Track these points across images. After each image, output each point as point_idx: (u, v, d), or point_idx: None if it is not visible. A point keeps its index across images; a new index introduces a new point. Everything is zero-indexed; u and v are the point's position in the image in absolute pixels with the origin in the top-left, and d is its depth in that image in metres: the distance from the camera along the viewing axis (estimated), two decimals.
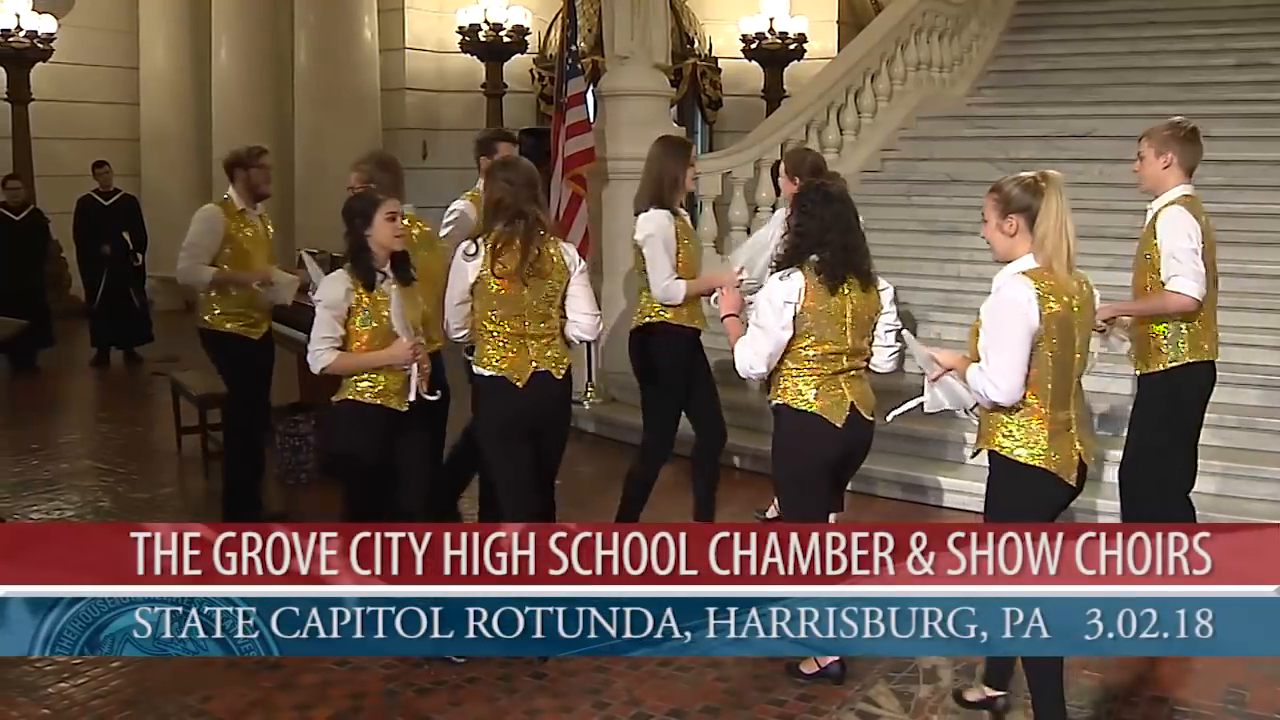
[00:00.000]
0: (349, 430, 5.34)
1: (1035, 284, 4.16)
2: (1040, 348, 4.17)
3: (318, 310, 5.23)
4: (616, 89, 10.47)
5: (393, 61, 16.92)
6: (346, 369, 5.24)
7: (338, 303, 5.18)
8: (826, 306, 4.82)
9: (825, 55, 16.37)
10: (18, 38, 15.23)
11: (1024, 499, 4.34)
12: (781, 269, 4.85)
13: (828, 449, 4.97)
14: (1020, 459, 4.29)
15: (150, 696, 5.03)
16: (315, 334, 5.20)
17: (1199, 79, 11.59)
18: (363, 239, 5.21)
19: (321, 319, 5.20)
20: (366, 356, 5.21)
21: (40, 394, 11.91)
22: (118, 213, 12.96)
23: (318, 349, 5.19)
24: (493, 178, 5.45)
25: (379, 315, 5.20)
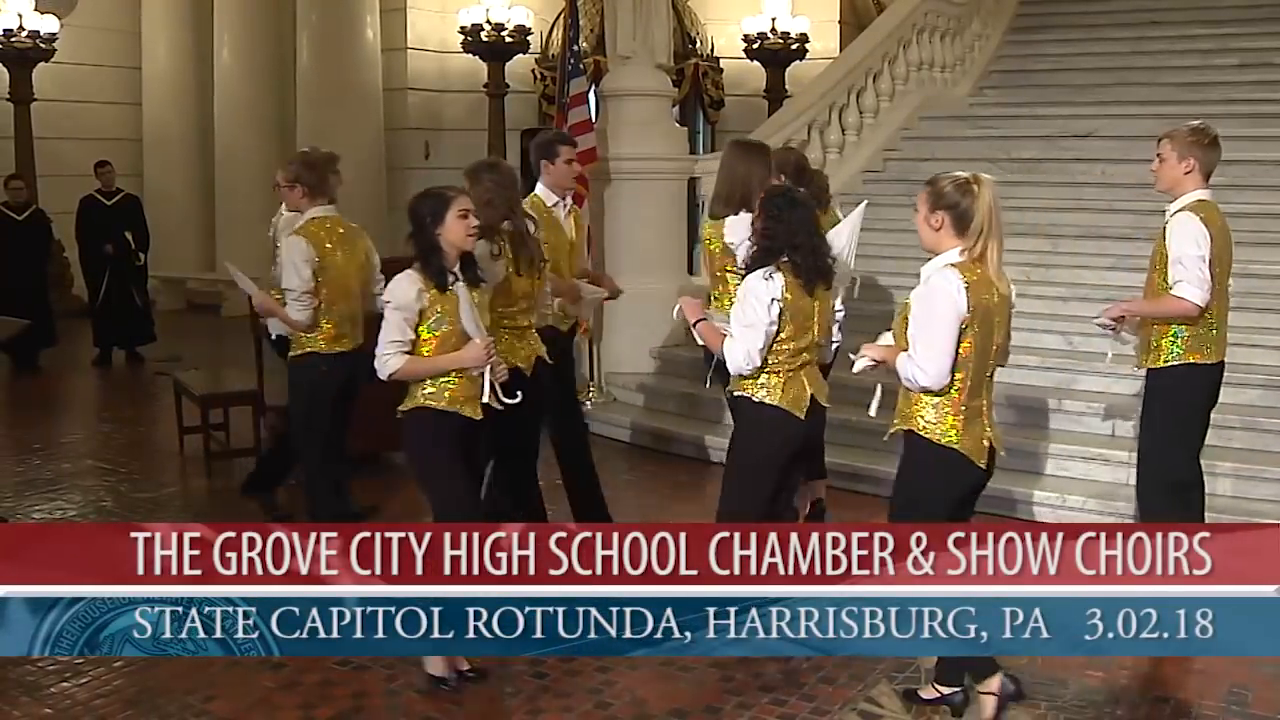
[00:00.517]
0: (424, 440, 5.06)
1: (963, 276, 4.41)
2: (964, 336, 4.40)
3: (387, 313, 4.96)
4: (618, 89, 10.47)
5: (395, 61, 16.93)
6: (416, 374, 4.99)
7: (409, 305, 4.91)
8: (802, 305, 5.02)
9: (827, 55, 16.37)
10: (20, 38, 15.26)
11: (937, 479, 4.56)
12: (752, 270, 5.05)
13: (792, 441, 5.16)
14: (935, 440, 4.51)
15: (152, 696, 5.03)
16: (384, 338, 4.94)
17: (1202, 79, 11.58)
18: (434, 238, 4.95)
19: (391, 322, 4.94)
20: (438, 360, 4.97)
21: (42, 394, 11.91)
22: (120, 213, 12.96)
23: (386, 353, 4.92)
24: (479, 179, 5.71)
25: (450, 318, 4.96)
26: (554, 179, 6.61)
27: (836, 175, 11.15)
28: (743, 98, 18.12)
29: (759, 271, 5.00)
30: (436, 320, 4.95)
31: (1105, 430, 7.68)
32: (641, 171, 9.99)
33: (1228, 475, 7.03)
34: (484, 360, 4.98)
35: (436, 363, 4.97)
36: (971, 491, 4.66)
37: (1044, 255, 9.31)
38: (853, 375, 4.90)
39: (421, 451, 5.10)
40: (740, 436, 5.27)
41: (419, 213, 4.98)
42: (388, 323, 4.95)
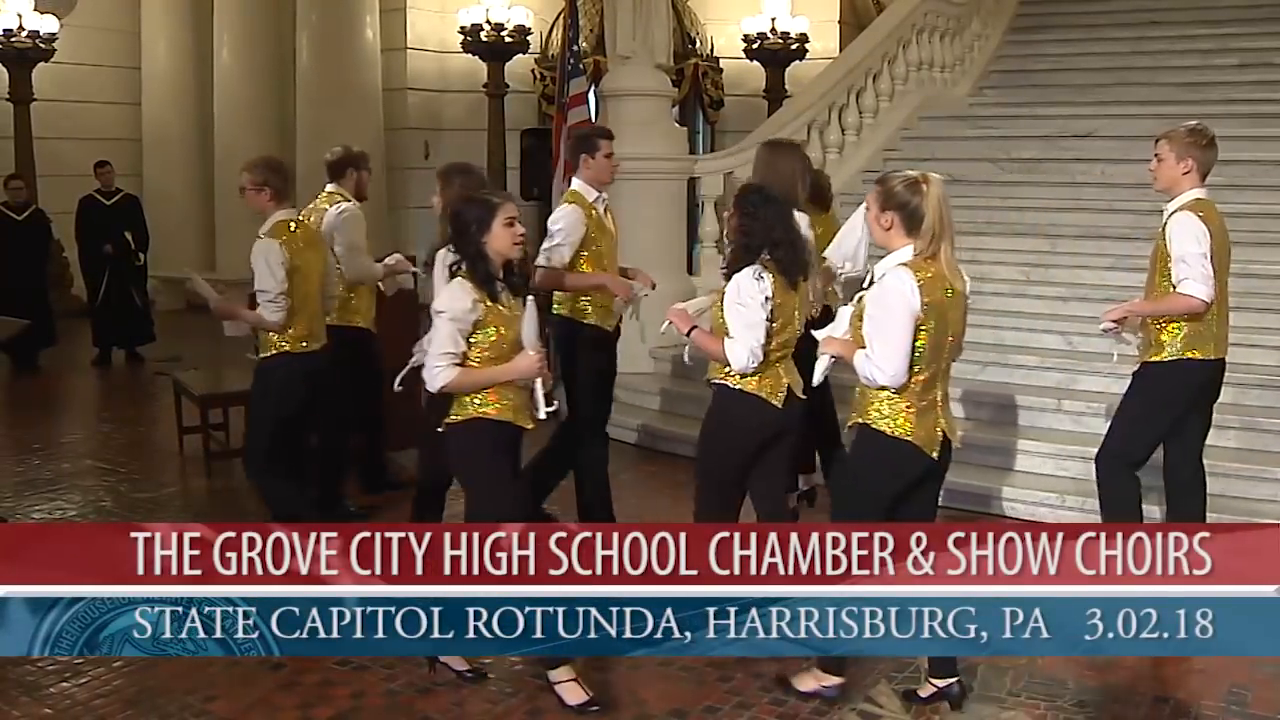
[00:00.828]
0: (479, 450, 4.90)
1: (916, 274, 4.46)
2: (919, 333, 4.47)
3: (438, 323, 4.78)
4: (618, 89, 10.47)
5: (395, 61, 16.93)
6: (469, 386, 4.83)
7: (464, 315, 4.76)
8: (786, 300, 5.12)
9: (827, 55, 16.37)
10: (20, 38, 15.24)
11: (886, 468, 4.66)
12: (735, 269, 5.12)
13: (764, 428, 5.23)
14: (887, 431, 4.59)
15: (152, 696, 5.03)
16: (435, 349, 4.78)
17: (1202, 79, 11.59)
18: (480, 246, 4.80)
19: (444, 332, 4.77)
20: (491, 371, 4.83)
21: (42, 394, 11.91)
22: (119, 212, 12.95)
23: (438, 365, 4.76)
24: (450, 182, 5.85)
25: (500, 328, 4.82)
26: (594, 173, 6.59)
27: (836, 175, 11.13)
28: (742, 98, 18.12)
29: (748, 271, 5.06)
30: (487, 331, 4.82)
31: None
32: (641, 171, 9.97)
33: (1228, 475, 7.03)
34: (537, 372, 4.89)
35: (489, 374, 4.84)
36: (922, 481, 4.73)
37: (1043, 255, 9.32)
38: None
39: (475, 461, 4.93)
40: (715, 422, 5.34)
41: (464, 219, 4.85)
42: (439, 333, 4.79)
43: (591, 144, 6.63)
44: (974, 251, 9.30)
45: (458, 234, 4.86)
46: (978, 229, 9.80)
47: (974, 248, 9.34)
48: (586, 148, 6.62)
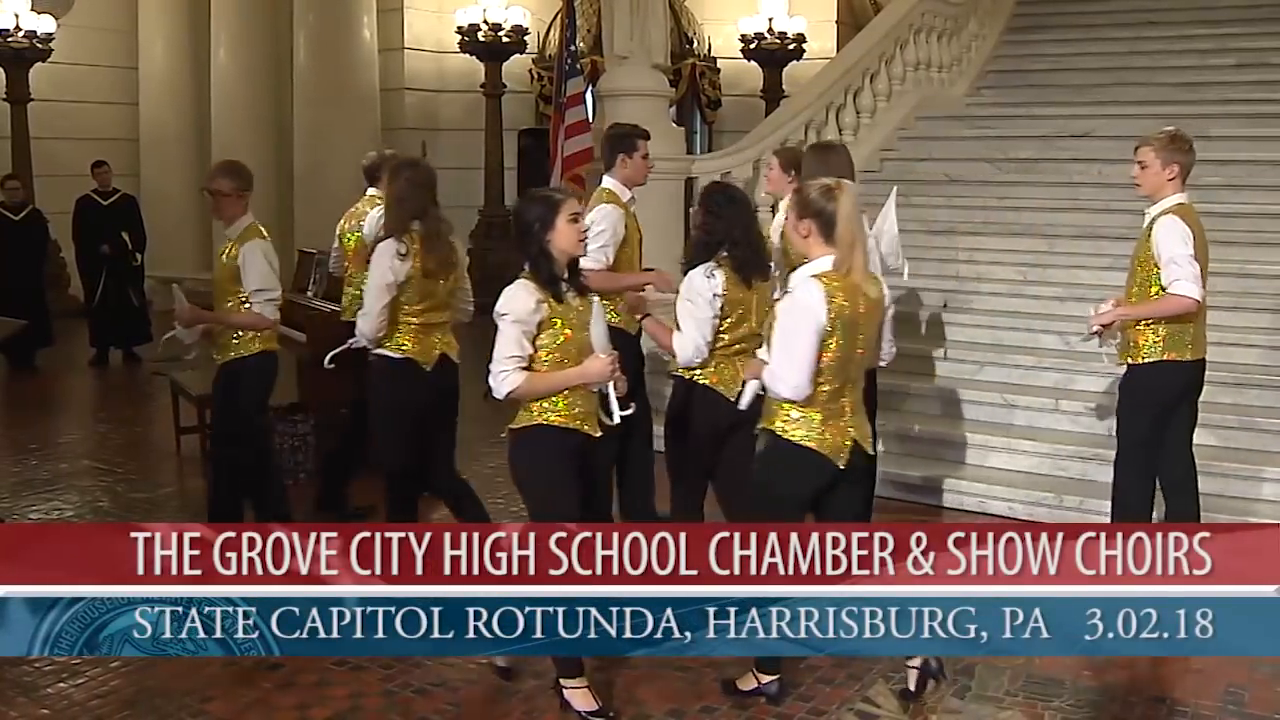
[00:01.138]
0: (541, 457, 4.72)
1: (825, 285, 4.46)
2: (827, 344, 4.47)
3: (503, 326, 4.58)
4: (615, 89, 10.46)
5: (392, 61, 16.92)
6: (536, 392, 4.63)
7: (527, 316, 4.56)
8: (740, 297, 5.26)
9: (824, 55, 16.38)
10: (17, 38, 15.23)
11: (792, 475, 4.65)
12: (694, 264, 5.27)
13: (719, 421, 5.32)
14: (794, 440, 4.59)
15: (149, 697, 5.02)
16: (500, 353, 4.57)
17: (1199, 79, 11.58)
18: (544, 244, 4.61)
19: (508, 336, 4.57)
20: (560, 375, 4.64)
21: (39, 394, 11.90)
22: (116, 213, 12.94)
23: (504, 370, 4.57)
24: (396, 176, 5.86)
25: (567, 329, 4.65)
26: (630, 173, 6.60)
27: None
28: (740, 98, 18.14)
29: (701, 269, 5.22)
30: (552, 333, 4.64)
31: (1102, 430, 7.68)
32: None
33: (1228, 475, 7.04)
34: (609, 376, 4.67)
35: (557, 378, 4.64)
36: (834, 487, 4.69)
37: (1040, 255, 9.32)
38: None
39: (535, 469, 4.75)
40: (674, 413, 5.51)
41: (526, 218, 4.66)
42: (504, 337, 4.59)
43: (631, 143, 6.61)
44: (971, 251, 9.31)
45: (520, 233, 4.68)
46: (975, 229, 9.80)
47: (971, 248, 9.35)
48: (625, 147, 6.60)
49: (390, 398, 5.91)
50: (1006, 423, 7.98)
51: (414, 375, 5.87)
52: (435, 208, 5.86)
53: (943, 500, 7.51)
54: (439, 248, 5.83)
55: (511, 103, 17.08)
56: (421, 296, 5.83)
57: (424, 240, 5.78)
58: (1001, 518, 7.19)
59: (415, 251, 5.75)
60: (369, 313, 5.78)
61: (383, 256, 5.74)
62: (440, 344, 5.95)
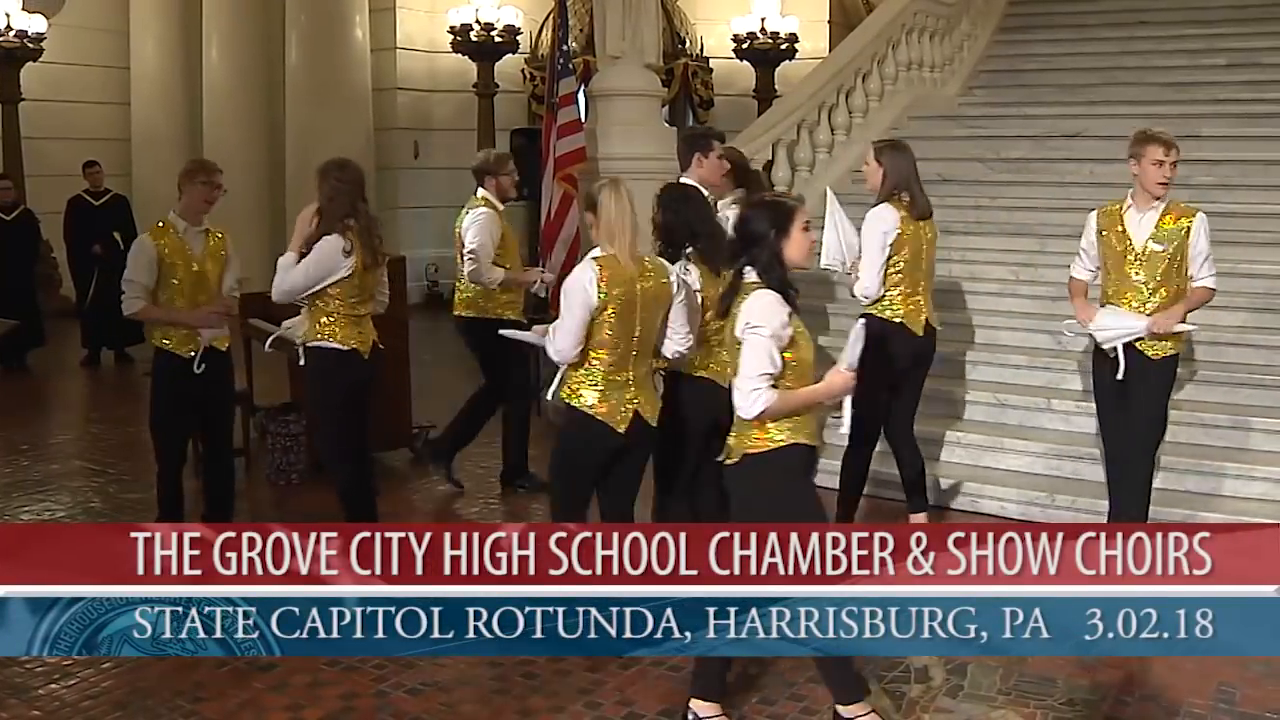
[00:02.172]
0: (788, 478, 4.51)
1: (601, 269, 4.99)
2: (600, 320, 5.00)
3: (756, 340, 4.34)
4: (608, 89, 10.45)
5: (384, 61, 16.93)
6: (787, 410, 4.39)
7: (782, 330, 4.35)
8: (714, 289, 5.26)
9: (816, 55, 16.40)
10: (8, 37, 15.21)
11: (578, 439, 5.20)
12: None
13: (714, 409, 5.40)
14: (579, 406, 5.11)
15: (141, 698, 5.02)
16: (752, 370, 4.35)
17: (1190, 79, 11.60)
18: (778, 252, 4.43)
19: (761, 350, 4.34)
20: (807, 392, 4.45)
21: (31, 394, 11.87)
22: (108, 213, 12.91)
23: (757, 388, 4.33)
24: (326, 177, 6.08)
25: (802, 343, 4.45)
26: (705, 173, 6.66)
27: (825, 175, 11.15)
28: (732, 97, 18.16)
29: (675, 267, 5.35)
30: (799, 347, 4.44)
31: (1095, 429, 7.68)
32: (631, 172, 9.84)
33: (1220, 475, 7.05)
34: (848, 391, 4.50)
35: (807, 395, 4.46)
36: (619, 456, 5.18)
37: (1033, 255, 9.32)
38: None
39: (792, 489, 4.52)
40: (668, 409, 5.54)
41: (758, 225, 4.46)
42: (756, 351, 4.35)
43: (705, 144, 6.72)
44: (964, 251, 9.30)
45: (750, 241, 4.48)
46: (967, 228, 9.79)
47: (964, 247, 9.34)
48: (700, 147, 6.69)
49: (335, 385, 6.19)
50: (999, 422, 7.98)
51: (356, 364, 6.17)
52: (364, 204, 6.14)
53: (935, 500, 7.51)
54: (371, 242, 6.08)
55: (504, 102, 17.08)
56: (357, 289, 6.11)
57: (359, 236, 6.04)
58: (994, 517, 7.20)
59: (356, 247, 6.02)
60: (293, 288, 6.04)
61: (328, 253, 5.98)
62: (370, 332, 6.29)
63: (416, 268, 16.23)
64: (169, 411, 6.60)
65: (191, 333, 6.45)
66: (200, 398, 6.55)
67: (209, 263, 6.52)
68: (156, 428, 6.69)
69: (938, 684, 5.09)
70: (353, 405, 6.24)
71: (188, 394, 6.51)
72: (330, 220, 6.00)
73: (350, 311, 6.12)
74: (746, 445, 4.48)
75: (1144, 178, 6.04)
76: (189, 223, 6.50)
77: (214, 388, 6.60)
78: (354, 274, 6.02)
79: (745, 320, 4.38)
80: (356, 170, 6.20)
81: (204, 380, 6.48)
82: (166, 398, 6.57)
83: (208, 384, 6.52)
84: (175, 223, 6.48)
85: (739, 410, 4.41)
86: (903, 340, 6.57)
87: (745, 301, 4.43)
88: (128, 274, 6.37)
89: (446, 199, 17.07)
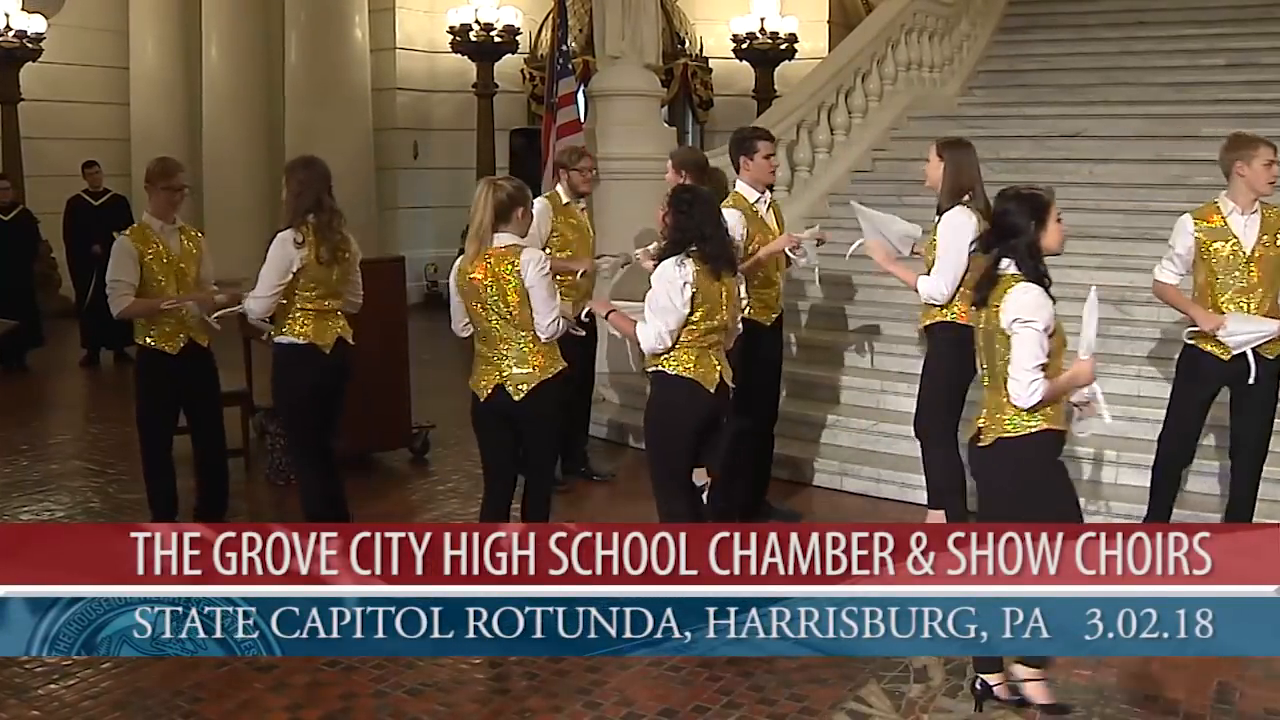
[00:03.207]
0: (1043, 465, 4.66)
1: (463, 261, 5.60)
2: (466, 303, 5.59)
3: (1029, 334, 4.46)
4: (607, 89, 10.46)
5: (383, 61, 16.93)
6: (1049, 398, 4.50)
7: (1050, 320, 4.48)
8: (711, 289, 5.42)
9: (816, 55, 16.40)
10: (7, 37, 15.20)
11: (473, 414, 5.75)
12: (664, 259, 5.47)
13: (700, 411, 5.52)
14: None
15: (141, 698, 5.01)
16: (1027, 362, 4.45)
17: (1190, 79, 11.60)
18: (1035, 242, 4.58)
19: (1035, 343, 4.46)
20: (1065, 379, 4.57)
21: (30, 394, 11.86)
22: (108, 213, 12.87)
23: (1035, 379, 4.44)
24: (294, 174, 6.26)
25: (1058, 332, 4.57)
26: (753, 174, 6.81)
27: (825, 175, 11.17)
28: (731, 98, 18.17)
29: (671, 260, 5.41)
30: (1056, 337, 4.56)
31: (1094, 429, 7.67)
32: (630, 172, 9.97)
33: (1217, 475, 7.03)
34: (1093, 377, 4.63)
35: (1064, 382, 4.58)
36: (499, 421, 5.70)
37: None
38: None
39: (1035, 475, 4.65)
40: (655, 407, 5.66)
41: (1018, 218, 4.59)
42: (1030, 344, 4.46)
43: (750, 146, 6.81)
44: None
45: (1009, 234, 4.61)
46: None
47: None
48: (745, 150, 6.81)
49: (296, 381, 6.26)
50: None
51: (315, 358, 6.22)
52: (330, 200, 6.22)
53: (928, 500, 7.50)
54: (330, 237, 6.16)
55: (503, 102, 17.08)
56: (315, 283, 6.17)
57: (317, 230, 6.13)
58: None
59: (310, 241, 6.10)
60: (261, 294, 6.14)
61: (281, 245, 6.11)
62: (335, 328, 6.32)
63: (416, 268, 16.24)
64: (152, 408, 6.70)
65: (175, 329, 6.55)
66: (184, 394, 6.67)
67: (185, 260, 6.65)
68: (141, 424, 6.78)
69: (937, 684, 5.09)
70: (313, 403, 6.30)
71: (172, 390, 6.62)
72: (293, 214, 6.15)
73: (311, 306, 6.21)
74: (1003, 429, 4.61)
75: (1254, 179, 5.98)
76: (163, 221, 6.68)
77: (198, 383, 6.70)
78: (307, 266, 6.10)
79: (1015, 315, 4.50)
80: (322, 166, 6.29)
81: (187, 376, 6.59)
82: (150, 394, 6.67)
83: (191, 380, 6.63)
84: (150, 223, 6.68)
85: (1016, 400, 4.50)
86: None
87: (1010, 295, 4.54)
88: (111, 275, 6.49)
89: (446, 199, 17.12)
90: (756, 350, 6.58)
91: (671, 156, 7.41)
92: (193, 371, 6.63)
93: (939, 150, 6.52)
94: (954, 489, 6.48)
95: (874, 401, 8.49)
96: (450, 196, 17.27)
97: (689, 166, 7.16)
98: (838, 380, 8.68)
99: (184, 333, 6.58)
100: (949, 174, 6.43)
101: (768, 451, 7.25)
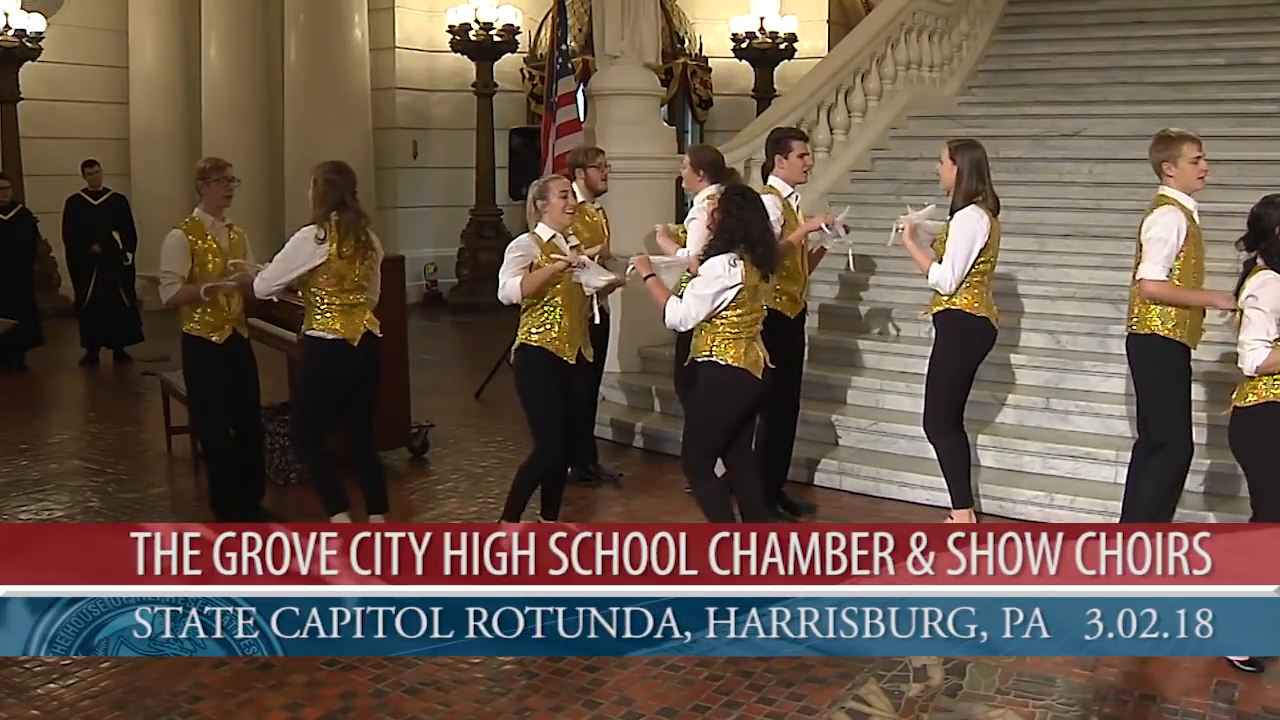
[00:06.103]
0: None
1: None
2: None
3: (1253, 313, 5.22)
4: (607, 88, 10.46)
5: (383, 60, 16.92)
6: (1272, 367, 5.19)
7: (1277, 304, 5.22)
8: (756, 285, 5.75)
9: (815, 54, 16.41)
10: (6, 37, 15.18)
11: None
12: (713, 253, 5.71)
13: (749, 399, 5.88)
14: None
15: (140, 697, 5.01)
16: (1248, 335, 5.22)
17: (1188, 78, 11.61)
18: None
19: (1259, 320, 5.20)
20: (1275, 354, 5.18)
21: (29, 394, 11.85)
22: (107, 212, 12.90)
23: (1254, 348, 5.18)
24: (320, 175, 6.41)
25: None
26: (787, 172, 7.20)
27: (825, 175, 11.17)
28: (731, 97, 18.17)
29: (725, 257, 5.66)
30: None
31: (1093, 429, 7.70)
32: (629, 171, 9.94)
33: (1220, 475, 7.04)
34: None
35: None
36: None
37: (1031, 254, 9.32)
38: None
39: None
40: (706, 392, 5.90)
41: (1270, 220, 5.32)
42: (1254, 320, 5.19)
43: (785, 145, 7.20)
44: None
45: (1262, 235, 5.33)
46: None
47: None
48: (780, 149, 7.20)
49: (323, 372, 6.50)
50: (996, 421, 7.98)
51: (344, 351, 6.44)
52: (354, 200, 6.44)
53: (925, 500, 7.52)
54: (353, 234, 6.36)
55: (503, 102, 17.08)
56: (338, 279, 6.38)
57: (340, 228, 6.33)
58: (992, 516, 7.20)
59: (333, 237, 6.31)
60: (269, 278, 6.41)
61: (301, 239, 6.33)
62: (363, 322, 6.54)
63: (415, 267, 16.25)
64: (204, 393, 6.99)
65: (219, 319, 6.85)
66: (230, 377, 6.94)
67: (234, 255, 6.92)
68: (199, 410, 7.14)
69: (937, 684, 5.09)
70: (331, 394, 6.55)
71: (221, 373, 6.91)
72: (318, 213, 6.34)
73: (338, 300, 6.43)
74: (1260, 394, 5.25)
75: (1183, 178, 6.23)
76: (214, 218, 6.92)
77: (239, 370, 7.00)
78: (329, 261, 6.32)
79: (1249, 293, 5.24)
80: (347, 169, 6.54)
81: (230, 363, 6.92)
82: (198, 381, 6.98)
83: (233, 366, 6.95)
84: (202, 219, 6.90)
85: (1242, 367, 5.24)
86: (983, 333, 6.71)
87: (1254, 278, 5.26)
88: (165, 266, 6.77)
89: (445, 199, 17.11)
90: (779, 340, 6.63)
91: (689, 154, 7.64)
92: (235, 359, 6.94)
93: (951, 153, 6.71)
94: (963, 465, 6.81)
95: (874, 401, 8.51)
96: (450, 196, 17.28)
97: (706, 165, 7.41)
98: (838, 380, 8.69)
99: (229, 324, 6.88)
100: (962, 176, 6.62)
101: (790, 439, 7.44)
